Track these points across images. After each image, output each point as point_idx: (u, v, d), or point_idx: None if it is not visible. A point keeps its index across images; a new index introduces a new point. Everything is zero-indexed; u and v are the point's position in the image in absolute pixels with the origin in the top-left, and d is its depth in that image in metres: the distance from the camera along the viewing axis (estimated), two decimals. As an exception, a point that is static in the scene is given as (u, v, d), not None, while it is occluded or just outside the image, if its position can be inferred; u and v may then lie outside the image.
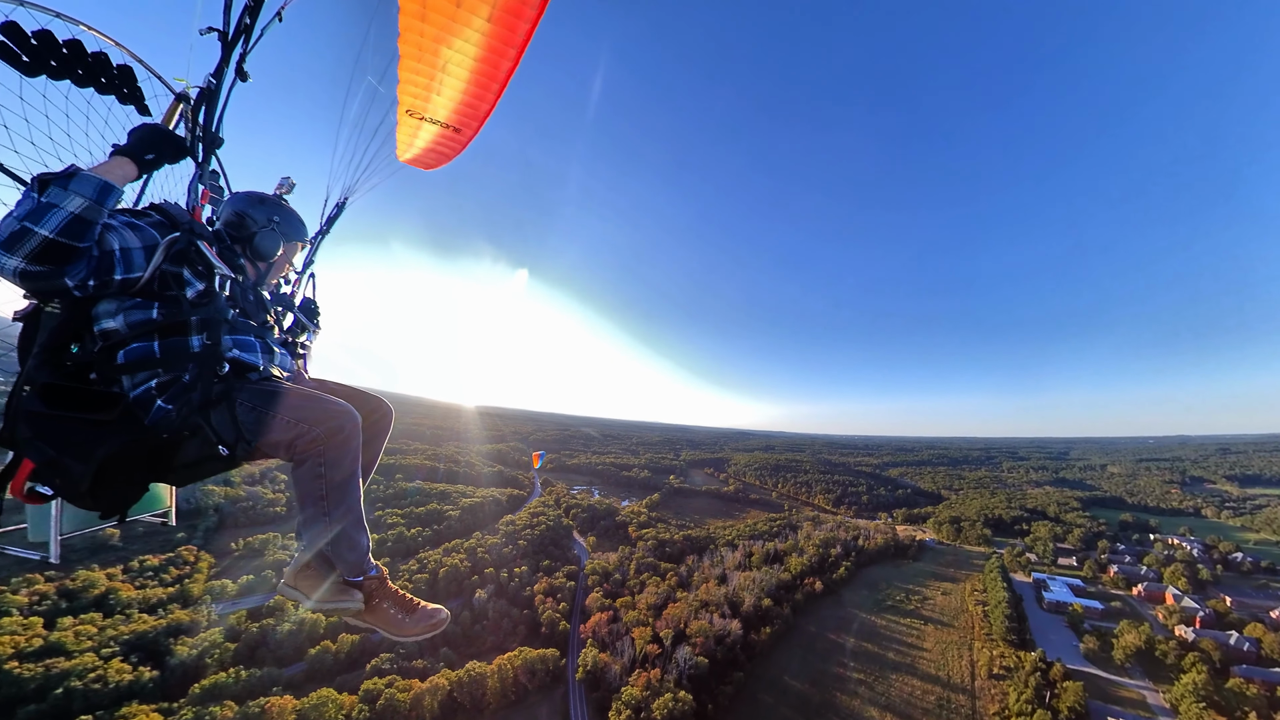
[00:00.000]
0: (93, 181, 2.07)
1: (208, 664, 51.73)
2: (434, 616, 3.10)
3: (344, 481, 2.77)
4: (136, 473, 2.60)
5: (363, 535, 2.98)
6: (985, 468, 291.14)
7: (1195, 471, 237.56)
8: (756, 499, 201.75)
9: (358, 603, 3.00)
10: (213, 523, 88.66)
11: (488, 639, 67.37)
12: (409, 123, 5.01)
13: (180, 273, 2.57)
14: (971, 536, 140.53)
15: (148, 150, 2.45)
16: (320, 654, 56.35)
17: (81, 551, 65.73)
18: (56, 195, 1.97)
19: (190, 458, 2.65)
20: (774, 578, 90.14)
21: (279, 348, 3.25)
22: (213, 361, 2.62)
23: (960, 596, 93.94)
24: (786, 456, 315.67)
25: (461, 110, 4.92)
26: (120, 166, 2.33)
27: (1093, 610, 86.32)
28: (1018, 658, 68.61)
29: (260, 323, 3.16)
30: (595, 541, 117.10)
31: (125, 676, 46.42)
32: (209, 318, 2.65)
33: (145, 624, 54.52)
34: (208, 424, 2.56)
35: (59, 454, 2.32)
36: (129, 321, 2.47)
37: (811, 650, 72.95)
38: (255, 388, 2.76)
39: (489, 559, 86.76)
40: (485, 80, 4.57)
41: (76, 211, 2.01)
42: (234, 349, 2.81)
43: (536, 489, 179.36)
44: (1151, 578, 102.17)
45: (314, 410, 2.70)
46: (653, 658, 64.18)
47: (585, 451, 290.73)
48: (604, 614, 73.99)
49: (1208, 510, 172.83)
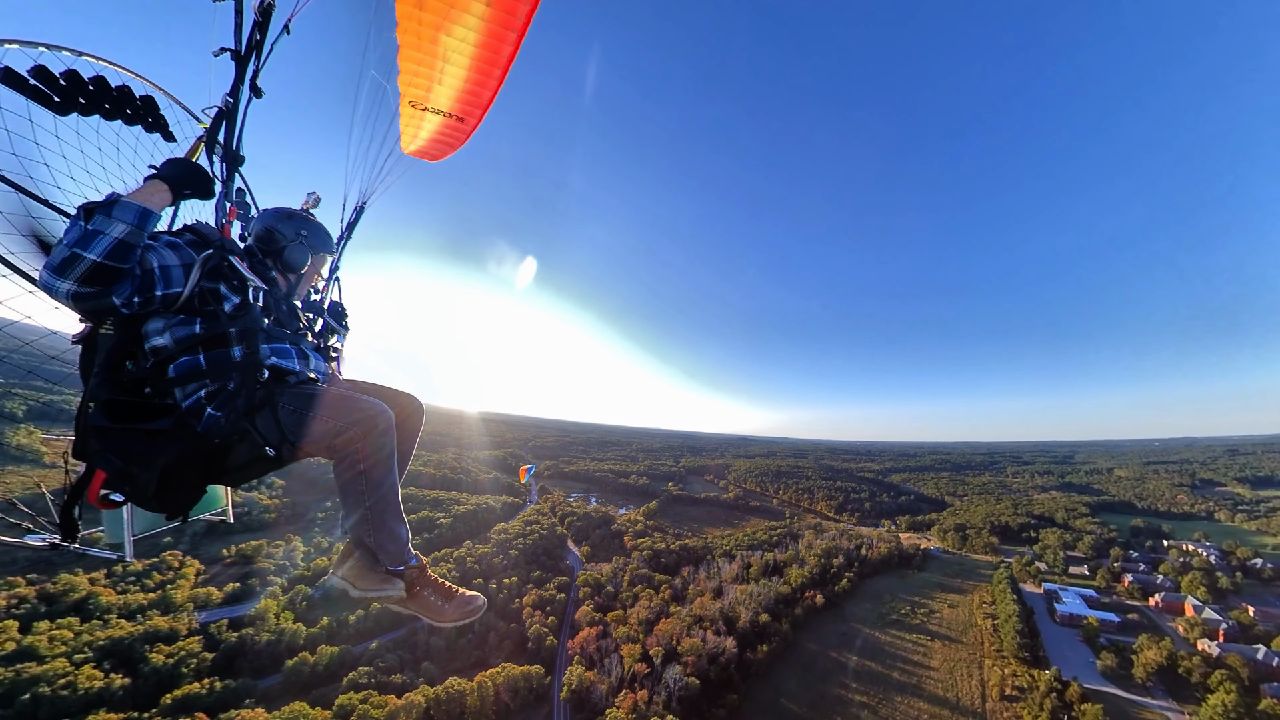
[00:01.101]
0: (133, 208, 2.23)
1: (183, 673, 50.47)
2: (471, 603, 3.23)
3: (381, 476, 2.93)
4: (195, 476, 2.84)
5: (402, 527, 3.12)
6: (989, 473, 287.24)
7: (1205, 474, 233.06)
8: (757, 506, 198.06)
9: (400, 591, 3.14)
10: (202, 528, 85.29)
11: (472, 653, 65.12)
12: (412, 114, 5.01)
13: (217, 288, 2.77)
14: (978, 545, 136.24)
15: (184, 184, 2.58)
16: (298, 666, 54.77)
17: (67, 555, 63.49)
18: (101, 223, 2.14)
19: (241, 460, 2.90)
20: (772, 591, 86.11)
21: (313, 353, 3.43)
22: (254, 369, 2.82)
23: (968, 609, 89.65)
24: (788, 463, 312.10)
25: (464, 99, 4.93)
26: (157, 193, 2.45)
27: (1109, 623, 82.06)
28: (1031, 676, 64.45)
29: (294, 330, 3.40)
30: (589, 551, 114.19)
31: (96, 683, 45.40)
32: (247, 328, 2.83)
33: (122, 630, 53.31)
34: (254, 428, 2.78)
35: (126, 464, 2.57)
36: (175, 337, 2.67)
37: (811, 670, 68.79)
38: (295, 391, 2.97)
39: (478, 569, 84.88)
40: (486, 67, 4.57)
41: (120, 237, 2.18)
42: (272, 356, 3.02)
43: (533, 496, 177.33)
44: (1169, 587, 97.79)
45: (350, 410, 2.86)
46: (641, 677, 60.91)
47: (584, 458, 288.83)
48: (593, 629, 71.20)
49: (1221, 514, 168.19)
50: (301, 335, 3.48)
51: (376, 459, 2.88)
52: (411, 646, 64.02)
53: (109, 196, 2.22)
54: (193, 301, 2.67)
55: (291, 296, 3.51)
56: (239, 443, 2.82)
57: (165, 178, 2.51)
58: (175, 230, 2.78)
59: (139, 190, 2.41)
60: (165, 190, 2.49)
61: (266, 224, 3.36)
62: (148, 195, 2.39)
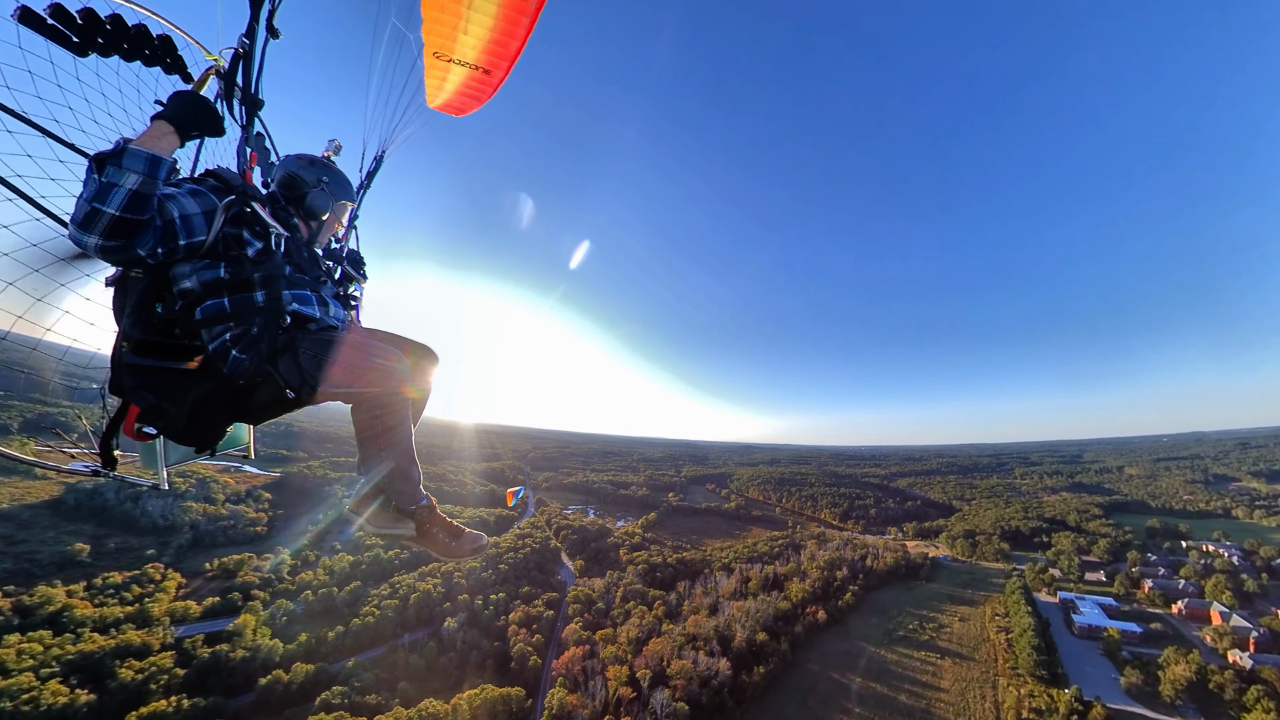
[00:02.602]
0: (142, 156, 2.20)
1: (152, 690, 49.07)
2: (477, 541, 3.34)
3: (396, 421, 3.07)
4: (221, 414, 2.97)
5: (414, 469, 3.25)
6: (997, 475, 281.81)
7: (1217, 469, 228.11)
8: (759, 515, 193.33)
9: (410, 530, 3.28)
10: (186, 540, 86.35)
11: (452, 673, 63.10)
12: (437, 65, 4.85)
13: (240, 234, 2.81)
14: (988, 552, 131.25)
15: (189, 125, 2.52)
16: (271, 684, 53.37)
17: (48, 567, 66.99)
18: (114, 174, 2.14)
19: (263, 400, 2.98)
20: (771, 607, 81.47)
21: (333, 300, 3.49)
22: (276, 315, 2.89)
23: (980, 622, 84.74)
24: (792, 470, 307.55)
25: (491, 50, 4.72)
26: (164, 137, 2.40)
27: (1130, 634, 77.18)
28: (1050, 697, 59.61)
29: (315, 277, 3.40)
30: (583, 565, 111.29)
31: (60, 699, 44.39)
32: (269, 274, 2.90)
33: (93, 644, 52.22)
34: (276, 371, 2.85)
35: (158, 399, 2.69)
36: (201, 281, 2.74)
37: (811, 693, 64.09)
38: (315, 337, 3.01)
39: (465, 585, 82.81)
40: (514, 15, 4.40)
41: (134, 188, 2.18)
42: (293, 303, 3.09)
43: (529, 509, 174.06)
44: (1192, 592, 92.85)
45: (367, 357, 2.95)
46: (626, 702, 56.89)
47: (584, 469, 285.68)
48: (580, 648, 67.94)
49: (1238, 510, 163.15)
50: (322, 282, 3.49)
51: (391, 405, 3.02)
52: (390, 665, 62.66)
53: (117, 144, 2.20)
54: (217, 246, 2.72)
55: (313, 244, 3.58)
56: (262, 385, 2.89)
57: (170, 118, 2.44)
58: (198, 176, 2.81)
59: (145, 135, 2.35)
60: (172, 132, 2.42)
61: (289, 170, 3.41)
62: (154, 140, 2.34)
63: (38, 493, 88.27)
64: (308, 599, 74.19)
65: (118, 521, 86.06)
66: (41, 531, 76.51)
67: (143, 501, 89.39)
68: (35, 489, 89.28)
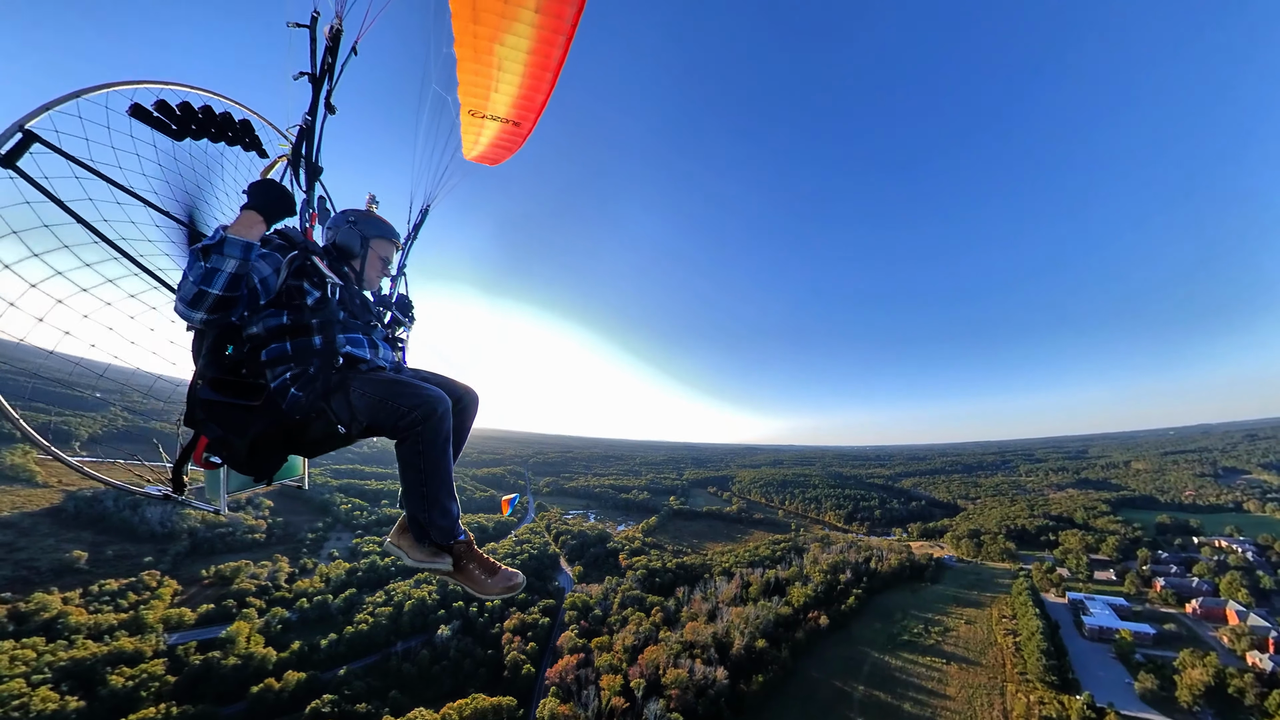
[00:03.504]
0: (239, 244, 2.65)
1: (142, 696, 49.14)
2: (511, 579, 3.38)
3: (438, 457, 3.19)
4: (278, 447, 3.29)
5: (453, 504, 3.36)
6: (1002, 473, 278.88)
7: (1227, 461, 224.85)
8: (761, 519, 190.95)
9: (447, 564, 3.37)
10: (184, 547, 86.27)
11: (445, 682, 62.42)
12: (472, 122, 5.37)
13: (301, 285, 3.19)
14: (994, 552, 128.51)
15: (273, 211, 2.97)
16: (263, 692, 53.25)
17: (46, 574, 67.37)
18: (217, 260, 2.59)
19: (317, 435, 3.29)
20: (771, 613, 79.27)
21: (382, 342, 3.78)
22: (330, 356, 3.19)
23: (987, 625, 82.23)
24: (795, 471, 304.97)
25: (519, 103, 5.17)
26: (253, 224, 2.85)
27: (1144, 636, 74.60)
28: (1060, 704, 57.27)
29: (366, 322, 3.68)
30: (582, 571, 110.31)
31: (50, 705, 44.76)
32: (325, 320, 3.22)
33: (86, 651, 52.26)
34: (329, 407, 3.16)
35: (224, 432, 3.02)
36: (266, 327, 3.12)
37: (812, 701, 61.81)
38: (365, 376, 3.27)
39: (459, 592, 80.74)
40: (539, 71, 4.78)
41: (233, 271, 2.63)
42: (347, 345, 3.38)
43: (529, 514, 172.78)
44: (1206, 590, 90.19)
45: (413, 395, 3.11)
46: (620, 712, 54.90)
47: (586, 473, 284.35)
48: (574, 656, 66.54)
49: (1250, 504, 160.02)
50: (373, 326, 3.75)
51: (434, 441, 3.13)
52: (383, 674, 62.56)
53: (217, 234, 2.64)
54: (280, 296, 3.11)
55: (360, 286, 3.82)
56: (316, 420, 3.17)
57: (257, 208, 2.89)
58: (266, 237, 3.10)
59: (238, 223, 2.79)
60: (260, 220, 2.88)
61: (330, 223, 3.82)
62: (246, 228, 2.78)
63: (38, 500, 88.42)
64: (303, 606, 74.26)
65: (117, 529, 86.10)
66: (41, 539, 76.51)
67: (141, 509, 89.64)
68: (36, 497, 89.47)
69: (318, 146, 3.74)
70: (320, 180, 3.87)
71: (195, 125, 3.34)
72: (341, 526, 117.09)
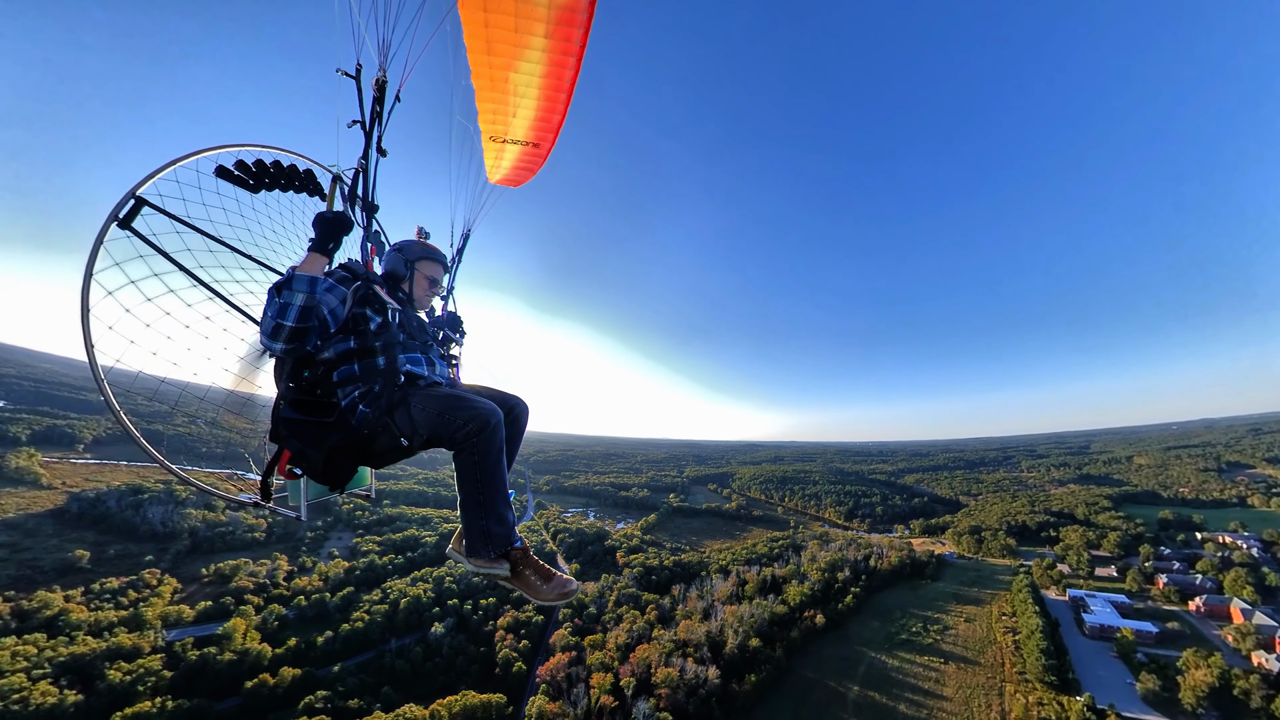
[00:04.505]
0: (305, 279, 3.07)
1: (139, 691, 50.05)
2: (566, 586, 3.52)
3: (492, 467, 3.37)
4: (350, 459, 3.57)
5: (509, 512, 3.51)
6: (1003, 469, 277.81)
7: (1230, 456, 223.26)
8: (760, 516, 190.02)
9: (504, 570, 3.52)
10: (185, 546, 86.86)
11: (438, 678, 62.86)
12: (493, 148, 5.56)
13: (364, 312, 3.52)
14: (994, 548, 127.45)
15: (330, 240, 3.43)
16: (257, 688, 53.94)
17: (49, 573, 68.42)
18: (288, 296, 3.00)
19: (383, 448, 3.57)
20: (766, 611, 78.09)
21: (438, 360, 4.11)
22: (393, 375, 3.49)
23: (986, 623, 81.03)
24: (795, 468, 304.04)
25: (537, 125, 5.37)
26: (316, 261, 3.37)
27: (1146, 635, 73.31)
28: (1060, 705, 56.11)
29: (423, 342, 4.01)
30: (579, 569, 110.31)
31: (49, 699, 45.77)
32: (387, 342, 3.54)
33: (86, 646, 53.19)
34: (393, 422, 3.45)
35: (304, 446, 3.34)
36: (337, 351, 3.45)
37: (805, 702, 60.73)
38: (424, 393, 3.56)
39: (456, 589, 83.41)
40: (553, 93, 4.99)
41: (303, 304, 3.03)
42: (407, 364, 3.69)
43: (528, 512, 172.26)
44: (1210, 588, 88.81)
45: (468, 409, 3.34)
46: (609, 711, 54.41)
47: (586, 471, 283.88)
48: (566, 654, 66.23)
49: (1254, 499, 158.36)
50: (429, 346, 4.10)
51: (488, 452, 3.33)
52: (376, 670, 62.46)
53: (288, 273, 3.12)
54: (347, 323, 3.45)
55: (413, 307, 4.17)
56: (381, 434, 3.47)
57: (317, 247, 3.38)
58: (330, 270, 3.52)
59: (305, 263, 3.33)
60: (321, 257, 3.39)
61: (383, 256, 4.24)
62: (311, 265, 3.32)
63: (43, 502, 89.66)
64: (300, 604, 74.96)
65: (119, 529, 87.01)
66: (45, 539, 77.77)
67: (143, 509, 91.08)
68: (40, 498, 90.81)
69: (373, 186, 4.09)
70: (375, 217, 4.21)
71: (268, 179, 3.83)
72: (342, 526, 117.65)
